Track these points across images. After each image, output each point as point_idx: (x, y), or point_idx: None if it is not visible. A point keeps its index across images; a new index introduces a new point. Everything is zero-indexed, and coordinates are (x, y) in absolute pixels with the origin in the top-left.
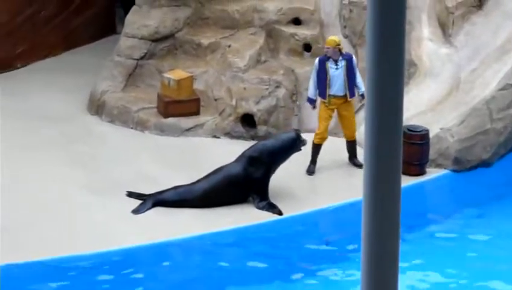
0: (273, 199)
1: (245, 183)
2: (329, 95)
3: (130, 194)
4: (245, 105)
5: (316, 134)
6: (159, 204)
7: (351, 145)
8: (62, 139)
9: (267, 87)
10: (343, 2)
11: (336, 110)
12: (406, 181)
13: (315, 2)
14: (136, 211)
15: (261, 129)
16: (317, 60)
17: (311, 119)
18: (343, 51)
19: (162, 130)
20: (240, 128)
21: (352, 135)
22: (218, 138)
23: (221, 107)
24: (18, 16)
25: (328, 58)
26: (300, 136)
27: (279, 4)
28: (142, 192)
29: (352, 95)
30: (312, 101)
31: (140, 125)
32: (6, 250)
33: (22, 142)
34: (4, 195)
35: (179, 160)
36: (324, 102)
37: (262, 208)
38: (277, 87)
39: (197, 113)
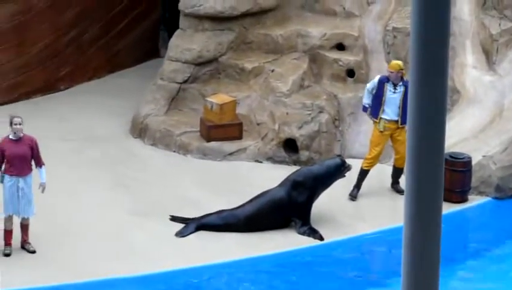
0: (314, 224)
1: (288, 208)
2: (381, 118)
3: (174, 219)
4: (287, 130)
5: (366, 159)
6: (203, 228)
7: (398, 172)
8: (105, 161)
9: (309, 112)
10: (387, 28)
11: (390, 136)
12: (448, 208)
13: (359, 27)
14: (179, 234)
15: (303, 154)
16: (377, 78)
17: (354, 145)
18: (405, 77)
19: (204, 154)
20: (282, 153)
21: (403, 163)
22: (261, 162)
23: (264, 131)
24: (62, 38)
25: (388, 80)
26: (345, 162)
27: (323, 29)
28: (185, 216)
29: (404, 121)
30: (366, 109)
31: (183, 149)
32: (49, 271)
33: (66, 162)
34: (48, 214)
35: (221, 184)
36: (378, 127)
37: (303, 233)
38: (320, 112)
39: (239, 137)
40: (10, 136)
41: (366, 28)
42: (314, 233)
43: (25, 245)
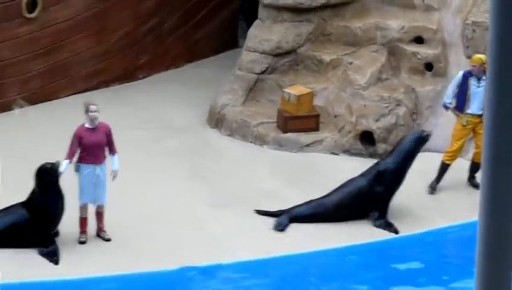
0: (390, 216)
1: (368, 198)
2: (466, 113)
3: (259, 212)
4: (365, 122)
5: (447, 152)
6: (295, 220)
7: (475, 167)
8: (182, 151)
9: (387, 105)
10: (466, 22)
11: (472, 130)
12: None
13: (438, 21)
14: (277, 228)
15: (380, 147)
16: (461, 73)
17: (431, 139)
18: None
19: (280, 145)
20: (359, 146)
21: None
22: (337, 154)
23: (341, 124)
24: (142, 27)
25: (471, 74)
26: (422, 132)
27: (401, 22)
28: (269, 209)
29: None
30: (447, 108)
31: (259, 140)
32: (124, 259)
33: (143, 152)
34: (124, 203)
35: (297, 175)
36: (461, 120)
37: (379, 226)
38: (397, 105)
39: (316, 129)
40: (86, 125)
41: (445, 21)
42: (389, 227)
43: (100, 233)
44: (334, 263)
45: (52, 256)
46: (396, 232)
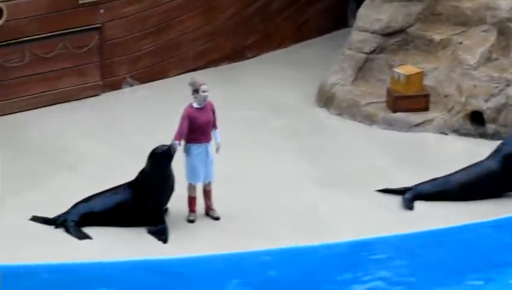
0: None
1: (502, 180)
2: None
3: (384, 191)
4: (474, 102)
5: None
6: (419, 197)
7: None
8: (291, 131)
9: (497, 85)
10: None
11: None
12: None
13: None
14: (404, 206)
15: (490, 127)
16: None
17: None
18: None
19: (390, 125)
20: (469, 126)
21: None
22: (446, 134)
23: (451, 104)
24: (250, 6)
25: None
26: None
27: (511, 2)
28: (391, 188)
29: None
30: None
31: (369, 119)
32: (232, 238)
33: (251, 132)
34: (233, 182)
35: (406, 155)
36: None
37: None
38: (507, 85)
39: (425, 109)
40: (195, 105)
41: None
42: None
43: (209, 212)
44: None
45: (161, 235)
46: None
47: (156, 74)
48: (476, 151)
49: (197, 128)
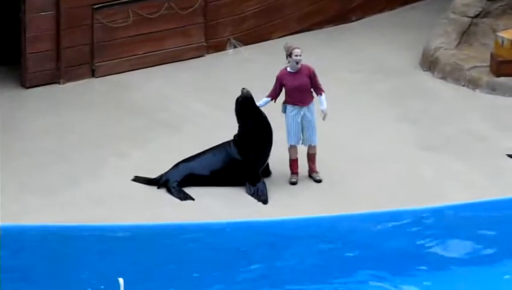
0: None
1: None
2: None
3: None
4: None
5: None
6: None
7: None
8: (394, 93)
9: None
10: None
11: None
12: None
13: None
14: None
15: None
16: None
17: None
18: None
19: (493, 89)
20: None
21: None
22: None
23: None
24: None
25: None
26: None
27: None
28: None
29: None
30: None
31: (472, 84)
32: (333, 200)
33: (355, 94)
34: (336, 145)
35: (510, 120)
36: None
37: None
38: None
39: None
40: (288, 69)
41: None
42: None
43: (311, 174)
44: None
45: (261, 195)
46: None
47: (260, 35)
48: None
49: (290, 93)
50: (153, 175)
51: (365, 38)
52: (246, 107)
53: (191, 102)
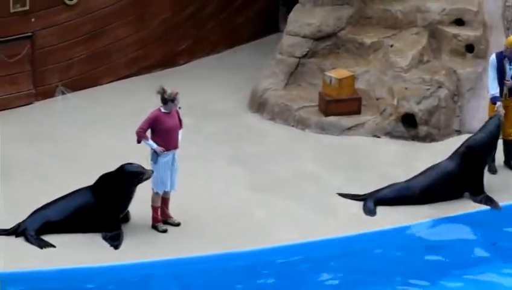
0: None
1: (460, 179)
2: (505, 94)
3: (345, 195)
4: (406, 105)
5: None
6: (379, 203)
7: (507, 146)
8: (224, 136)
9: (428, 87)
10: (507, 3)
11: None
12: None
13: (478, 2)
14: (366, 213)
15: (422, 129)
16: (494, 56)
17: (472, 120)
18: None
19: (322, 129)
20: (401, 128)
21: (508, 133)
22: (379, 137)
23: (382, 106)
24: (181, 13)
25: (504, 56)
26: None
27: (442, 4)
28: (354, 193)
29: None
30: (497, 99)
31: (301, 124)
32: (168, 244)
33: (184, 138)
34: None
35: (339, 159)
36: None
37: (480, 202)
38: (439, 87)
39: (358, 112)
40: (163, 109)
41: (486, 3)
42: (490, 201)
43: (168, 220)
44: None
45: (115, 240)
46: (499, 207)
47: (88, 81)
48: (409, 153)
49: (166, 133)
50: None
51: (193, 81)
52: (133, 176)
53: (22, 150)
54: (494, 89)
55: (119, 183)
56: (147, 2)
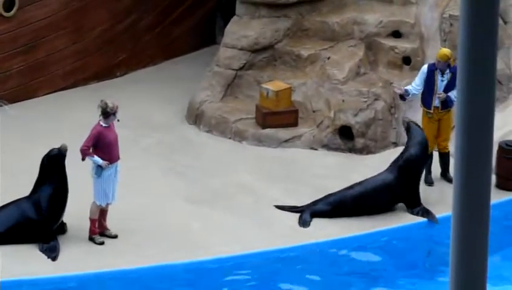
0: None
1: (397, 191)
2: (434, 106)
3: (281, 208)
4: (343, 117)
5: None
6: (316, 215)
7: (443, 159)
8: (160, 148)
9: (365, 99)
10: (444, 15)
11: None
12: (505, 196)
13: (415, 15)
14: (302, 225)
15: (359, 142)
16: (426, 66)
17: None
18: (453, 64)
19: (259, 141)
20: (338, 141)
21: (443, 146)
22: (316, 149)
23: (319, 119)
24: (118, 25)
25: (436, 68)
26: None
27: (379, 17)
28: (291, 205)
29: (449, 105)
30: (407, 95)
31: (238, 136)
32: (104, 257)
33: (121, 150)
34: None
35: (276, 171)
36: (428, 114)
37: (417, 214)
38: (376, 100)
39: (295, 124)
40: (103, 124)
41: (423, 15)
42: (427, 213)
43: (105, 232)
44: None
45: (51, 252)
46: (435, 219)
47: (25, 93)
48: (346, 166)
49: (109, 146)
50: None
51: (130, 93)
52: (57, 162)
53: None
54: (411, 88)
55: (54, 173)
56: (84, 13)
